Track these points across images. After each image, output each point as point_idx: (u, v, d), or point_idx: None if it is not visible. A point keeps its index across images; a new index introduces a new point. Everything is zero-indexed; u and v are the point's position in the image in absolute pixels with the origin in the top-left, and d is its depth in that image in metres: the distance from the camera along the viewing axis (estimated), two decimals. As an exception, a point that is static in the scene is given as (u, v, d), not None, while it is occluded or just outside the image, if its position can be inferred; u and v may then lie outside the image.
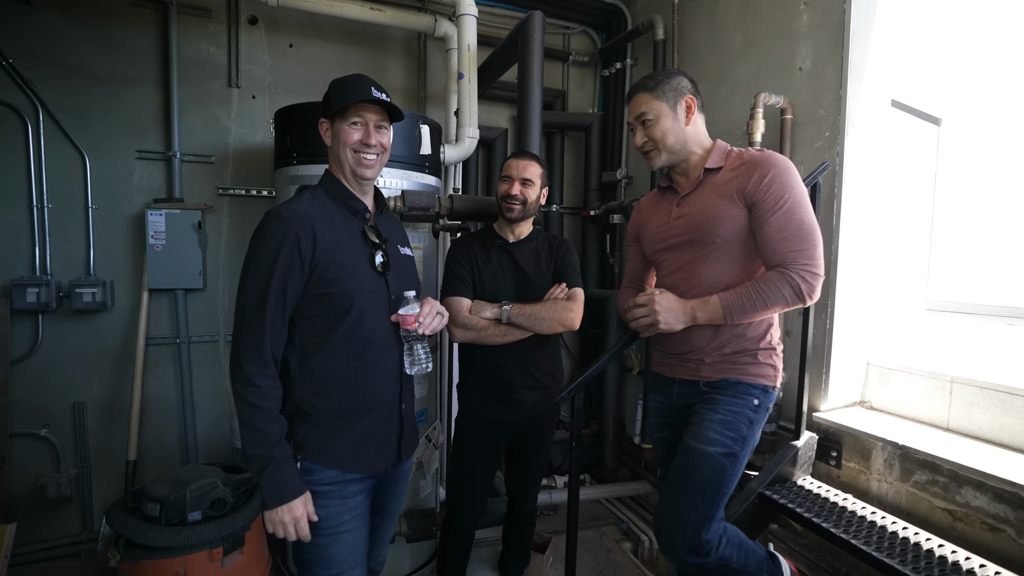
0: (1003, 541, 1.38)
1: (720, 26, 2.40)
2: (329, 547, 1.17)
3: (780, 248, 1.21)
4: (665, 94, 1.32)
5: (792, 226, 1.21)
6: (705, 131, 1.38)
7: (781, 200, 1.22)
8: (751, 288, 1.22)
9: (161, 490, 1.77)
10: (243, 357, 1.10)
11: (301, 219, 1.13)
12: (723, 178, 1.31)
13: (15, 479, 2.22)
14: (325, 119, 1.24)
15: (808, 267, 1.20)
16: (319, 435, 1.17)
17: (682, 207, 1.36)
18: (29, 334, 2.24)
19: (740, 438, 1.29)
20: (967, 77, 2.63)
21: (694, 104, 1.33)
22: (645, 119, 1.34)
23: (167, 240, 2.34)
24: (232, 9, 2.47)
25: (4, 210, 2.18)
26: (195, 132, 2.45)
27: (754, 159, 1.28)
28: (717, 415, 1.29)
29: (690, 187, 1.36)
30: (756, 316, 1.25)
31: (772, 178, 1.23)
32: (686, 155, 1.35)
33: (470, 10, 2.34)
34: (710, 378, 1.35)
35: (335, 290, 1.15)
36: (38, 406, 2.28)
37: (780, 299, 1.21)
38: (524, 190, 1.70)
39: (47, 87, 2.20)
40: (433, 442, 2.21)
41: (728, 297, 1.24)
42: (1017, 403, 1.54)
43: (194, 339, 2.50)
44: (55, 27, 2.21)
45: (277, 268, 1.10)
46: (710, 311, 1.26)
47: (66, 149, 2.25)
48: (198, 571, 1.72)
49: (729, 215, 1.27)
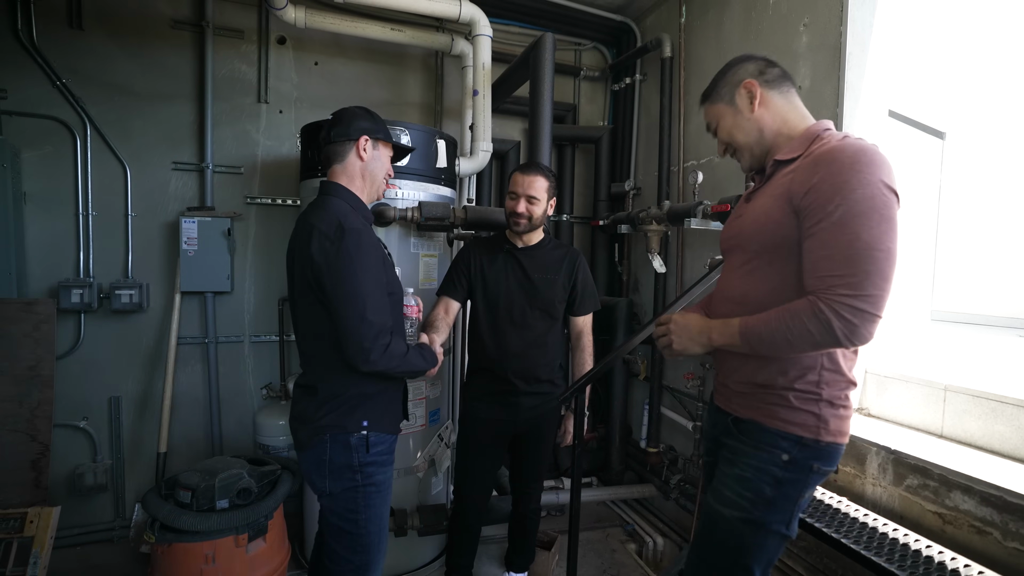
0: (990, 543, 1.43)
1: (725, 44, 2.49)
2: (383, 505, 1.43)
3: (818, 270, 0.94)
4: (719, 93, 1.15)
5: (840, 242, 0.91)
6: (794, 111, 1.11)
7: (829, 206, 0.92)
8: (775, 316, 0.98)
9: (192, 479, 1.90)
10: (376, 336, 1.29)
11: (369, 232, 1.35)
12: (785, 173, 1.06)
13: (55, 467, 2.37)
14: (370, 138, 1.40)
15: (849, 299, 0.89)
16: (382, 408, 1.43)
17: (750, 204, 1.16)
18: (72, 332, 2.41)
19: (762, 501, 1.04)
20: (971, 91, 2.67)
21: (756, 87, 1.09)
22: (714, 129, 1.19)
23: (199, 246, 2.50)
24: (263, 30, 2.64)
25: (55, 217, 2.37)
26: (226, 145, 2.62)
27: (820, 153, 0.99)
28: (735, 469, 1.09)
29: (761, 182, 1.14)
30: (780, 352, 1.01)
31: (824, 177, 0.93)
32: (769, 145, 1.11)
33: (485, 31, 2.47)
34: (738, 414, 1.14)
35: (392, 289, 1.40)
36: (78, 400, 2.44)
37: (806, 336, 0.93)
38: (529, 207, 1.75)
39: (94, 104, 2.38)
40: (445, 441, 2.31)
41: (749, 322, 1.02)
42: (1007, 411, 1.59)
43: (221, 339, 2.65)
44: (103, 49, 2.39)
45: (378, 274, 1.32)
46: (727, 335, 1.06)
47: (110, 161, 2.43)
48: (225, 555, 1.85)
49: (771, 220, 1.04)
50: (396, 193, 2.09)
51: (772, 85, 1.11)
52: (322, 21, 2.46)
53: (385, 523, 1.46)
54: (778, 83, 1.11)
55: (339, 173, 1.39)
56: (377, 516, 1.42)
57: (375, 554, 1.44)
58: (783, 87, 1.12)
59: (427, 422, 2.23)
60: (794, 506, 1.06)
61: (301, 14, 2.40)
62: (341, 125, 1.37)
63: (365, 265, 1.28)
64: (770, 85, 1.11)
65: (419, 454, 2.22)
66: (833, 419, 1.05)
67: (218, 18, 2.55)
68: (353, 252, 1.27)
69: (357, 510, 1.39)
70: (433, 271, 2.25)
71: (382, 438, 1.41)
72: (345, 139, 1.37)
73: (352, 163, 1.38)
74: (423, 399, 2.20)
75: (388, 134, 1.43)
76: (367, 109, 1.43)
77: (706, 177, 2.38)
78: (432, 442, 2.26)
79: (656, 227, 2.60)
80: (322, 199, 1.37)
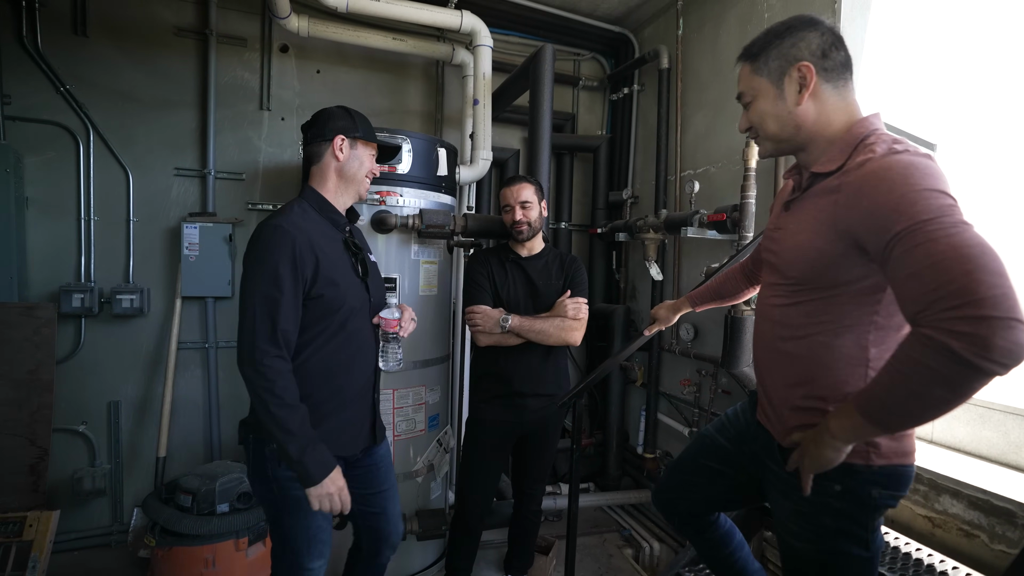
0: (977, 546, 1.47)
1: (721, 56, 2.55)
2: (308, 516, 1.29)
3: (911, 296, 0.76)
4: (768, 65, 0.96)
5: (919, 258, 0.74)
6: (841, 110, 0.95)
7: (896, 230, 0.77)
8: (886, 373, 0.79)
9: (192, 483, 1.92)
10: (263, 352, 1.16)
11: (300, 231, 1.22)
12: (827, 191, 0.92)
13: (55, 471, 2.37)
14: (346, 137, 1.32)
15: (958, 311, 0.69)
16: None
17: (787, 216, 1.03)
18: (72, 336, 2.42)
19: (828, 533, 0.96)
20: (960, 102, 2.74)
21: (811, 75, 0.92)
22: (744, 100, 1.02)
23: (200, 251, 2.52)
24: (266, 39, 2.67)
25: (57, 222, 2.38)
26: (228, 151, 2.64)
27: (861, 174, 0.85)
28: (789, 503, 1.00)
29: (800, 190, 1.01)
30: (915, 414, 0.79)
31: (878, 200, 0.81)
32: (803, 143, 0.98)
33: (486, 41, 2.52)
34: (782, 440, 1.02)
35: (328, 293, 1.26)
36: (78, 404, 2.44)
37: (929, 376, 0.73)
38: (526, 212, 1.85)
39: (98, 110, 2.40)
40: (444, 446, 2.33)
41: (863, 397, 0.83)
42: (995, 417, 1.63)
43: (221, 344, 2.66)
44: (107, 56, 2.42)
45: (284, 276, 1.18)
46: (848, 428, 0.85)
47: (112, 167, 2.45)
48: (225, 559, 1.86)
49: (814, 248, 0.92)
50: (397, 200, 2.13)
51: (830, 75, 0.94)
52: (324, 30, 2.49)
53: (316, 536, 1.32)
54: (838, 73, 0.94)
55: (314, 174, 1.35)
56: (302, 528, 1.30)
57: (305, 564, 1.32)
58: (841, 80, 0.95)
59: (426, 427, 2.25)
60: (865, 530, 0.95)
61: (304, 23, 2.44)
62: (316, 126, 1.33)
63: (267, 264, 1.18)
64: (828, 74, 0.94)
65: (418, 459, 2.24)
66: (885, 439, 0.92)
67: (222, 26, 2.58)
68: (260, 250, 1.20)
69: (279, 520, 1.31)
70: (433, 278, 2.28)
71: None
72: (320, 140, 1.32)
73: (327, 163, 1.33)
74: (423, 404, 2.23)
75: (369, 133, 1.36)
76: (346, 108, 1.36)
77: (702, 186, 2.43)
78: (431, 447, 2.28)
79: (653, 235, 2.64)
80: (287, 203, 1.34)
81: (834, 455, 0.88)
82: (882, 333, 0.92)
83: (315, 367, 1.28)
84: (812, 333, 0.95)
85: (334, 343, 1.30)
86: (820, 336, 0.95)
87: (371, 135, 1.37)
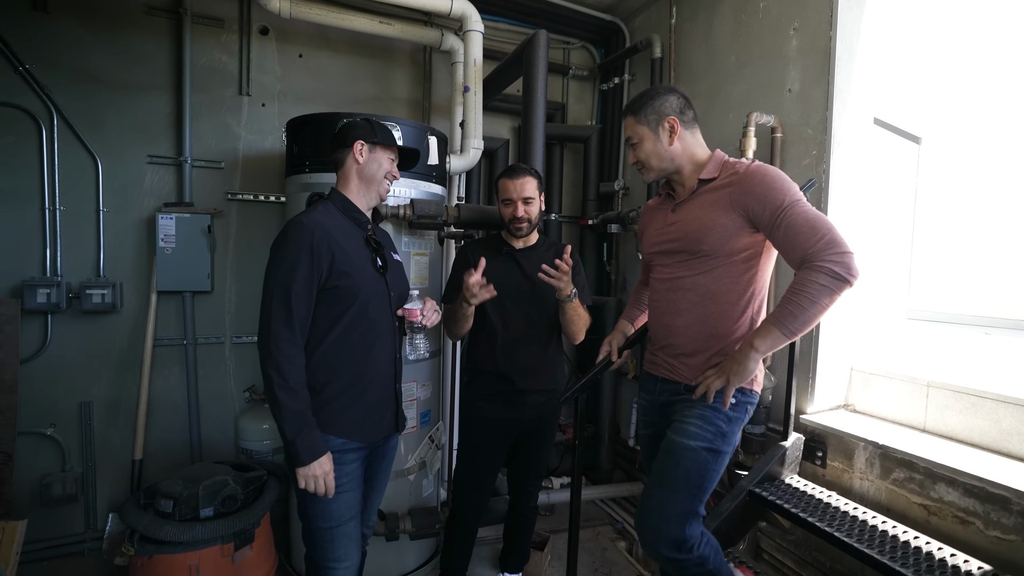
0: (972, 533, 1.49)
1: (715, 47, 2.53)
2: (329, 504, 1.37)
3: (799, 246, 1.21)
4: (647, 118, 1.38)
5: (800, 223, 1.22)
6: (698, 145, 1.42)
7: (782, 204, 1.24)
8: (793, 296, 1.21)
9: (174, 487, 1.82)
10: (276, 335, 1.28)
11: (319, 227, 1.34)
12: (716, 189, 1.35)
13: (21, 477, 2.24)
14: (365, 142, 1.44)
15: (832, 250, 1.18)
16: (329, 409, 1.38)
17: (676, 214, 1.42)
18: (38, 334, 2.28)
19: (720, 434, 1.34)
20: (945, 98, 2.78)
21: (677, 125, 1.37)
22: (631, 142, 1.43)
23: (176, 243, 2.39)
24: (244, 19, 2.54)
25: (17, 212, 2.22)
26: (206, 138, 2.51)
27: (747, 173, 1.31)
28: (696, 410, 1.36)
29: (685, 196, 1.42)
30: (814, 320, 1.22)
31: (766, 187, 1.27)
32: (675, 169, 1.41)
33: (477, 26, 2.44)
34: (689, 380, 1.40)
35: (343, 283, 1.35)
36: (45, 405, 2.31)
37: (822, 290, 1.18)
38: (527, 209, 1.77)
39: (62, 93, 2.25)
40: (436, 443, 2.28)
41: (777, 316, 1.23)
42: (986, 405, 1.66)
43: (200, 341, 2.54)
44: (71, 35, 2.26)
45: (301, 266, 1.30)
46: (768, 339, 1.24)
47: (79, 153, 2.30)
48: (210, 566, 1.77)
49: (718, 224, 1.31)
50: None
51: (687, 125, 1.39)
52: (308, 12, 2.38)
53: (341, 525, 1.40)
54: (691, 123, 1.41)
55: (339, 179, 1.49)
56: (323, 512, 1.37)
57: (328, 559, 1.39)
58: (694, 127, 1.42)
59: (418, 424, 2.20)
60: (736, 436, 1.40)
61: (286, 4, 2.32)
62: (339, 137, 1.46)
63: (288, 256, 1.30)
64: (686, 124, 1.39)
65: (410, 456, 2.18)
66: (759, 374, 1.40)
67: (196, 5, 2.44)
68: (282, 243, 1.32)
69: (305, 504, 1.38)
70: (424, 270, 2.21)
71: (328, 438, 1.35)
72: (343, 146, 1.45)
73: (349, 167, 1.46)
74: (414, 400, 2.16)
75: (388, 139, 1.47)
76: (368, 119, 1.49)
77: (696, 178, 2.41)
78: (423, 444, 2.22)
79: (646, 227, 2.62)
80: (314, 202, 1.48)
81: (754, 366, 1.28)
82: (753, 290, 1.37)
83: (336, 354, 1.38)
84: (719, 292, 1.35)
85: (355, 332, 1.39)
86: (728, 295, 1.36)
87: (390, 140, 1.47)
